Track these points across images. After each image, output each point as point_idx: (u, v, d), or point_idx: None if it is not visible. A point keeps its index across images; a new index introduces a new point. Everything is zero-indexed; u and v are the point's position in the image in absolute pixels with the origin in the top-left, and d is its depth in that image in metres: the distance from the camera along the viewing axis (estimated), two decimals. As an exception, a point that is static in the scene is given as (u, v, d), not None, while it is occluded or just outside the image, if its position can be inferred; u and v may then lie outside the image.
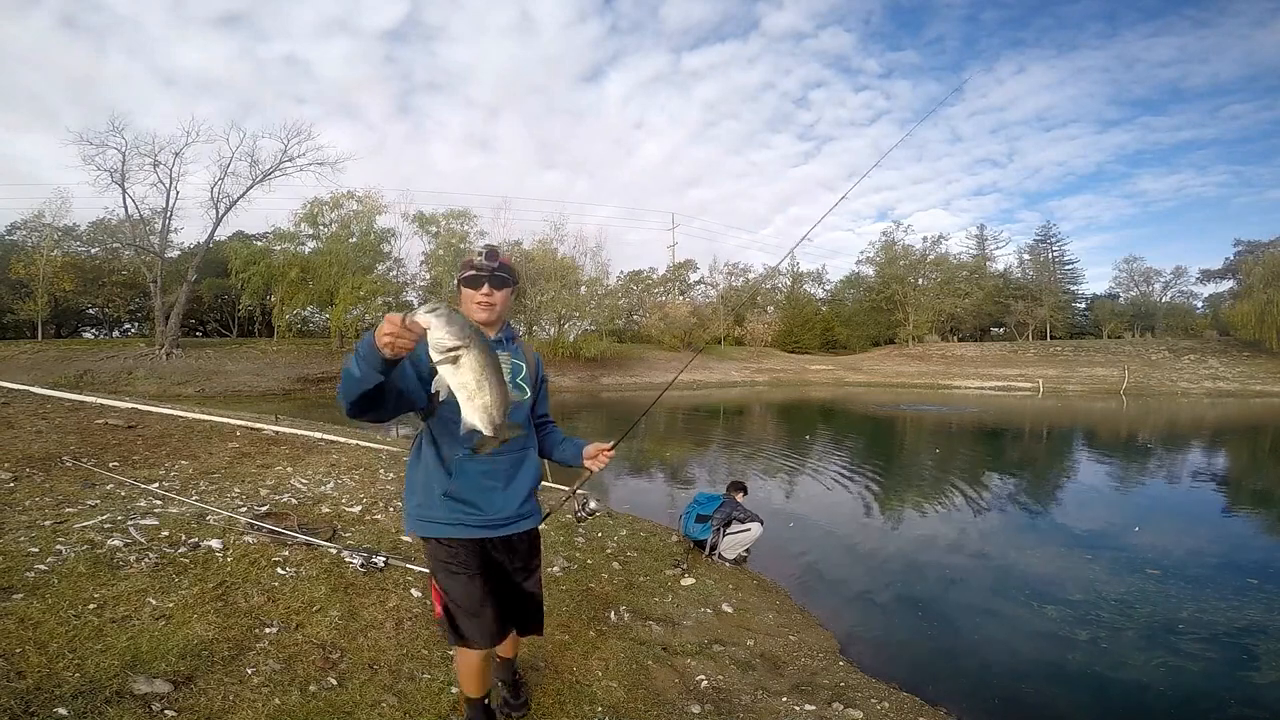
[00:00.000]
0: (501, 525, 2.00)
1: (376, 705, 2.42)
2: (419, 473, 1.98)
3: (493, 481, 1.97)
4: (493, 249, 1.98)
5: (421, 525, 1.97)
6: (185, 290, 29.77)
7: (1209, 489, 9.94)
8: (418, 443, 2.02)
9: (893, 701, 3.23)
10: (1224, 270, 46.61)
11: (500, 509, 1.98)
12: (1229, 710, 3.43)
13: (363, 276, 32.82)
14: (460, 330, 1.47)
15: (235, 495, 5.05)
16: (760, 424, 19.44)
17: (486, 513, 1.96)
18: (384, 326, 1.45)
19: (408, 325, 1.44)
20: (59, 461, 5.57)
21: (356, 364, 1.54)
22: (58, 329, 37.36)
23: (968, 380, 36.83)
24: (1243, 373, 33.97)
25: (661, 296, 48.71)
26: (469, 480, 1.93)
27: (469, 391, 1.54)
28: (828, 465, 11.28)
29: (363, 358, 1.52)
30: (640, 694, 2.87)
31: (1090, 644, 4.15)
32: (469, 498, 1.93)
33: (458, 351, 1.47)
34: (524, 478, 2.05)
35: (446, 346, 1.46)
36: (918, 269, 50.41)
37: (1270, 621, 4.47)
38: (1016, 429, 18.59)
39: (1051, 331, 49.84)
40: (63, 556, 3.32)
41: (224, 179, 30.04)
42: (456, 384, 1.53)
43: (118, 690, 2.24)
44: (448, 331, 1.46)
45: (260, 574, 3.42)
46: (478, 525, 1.95)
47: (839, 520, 7.39)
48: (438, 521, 1.94)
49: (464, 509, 1.93)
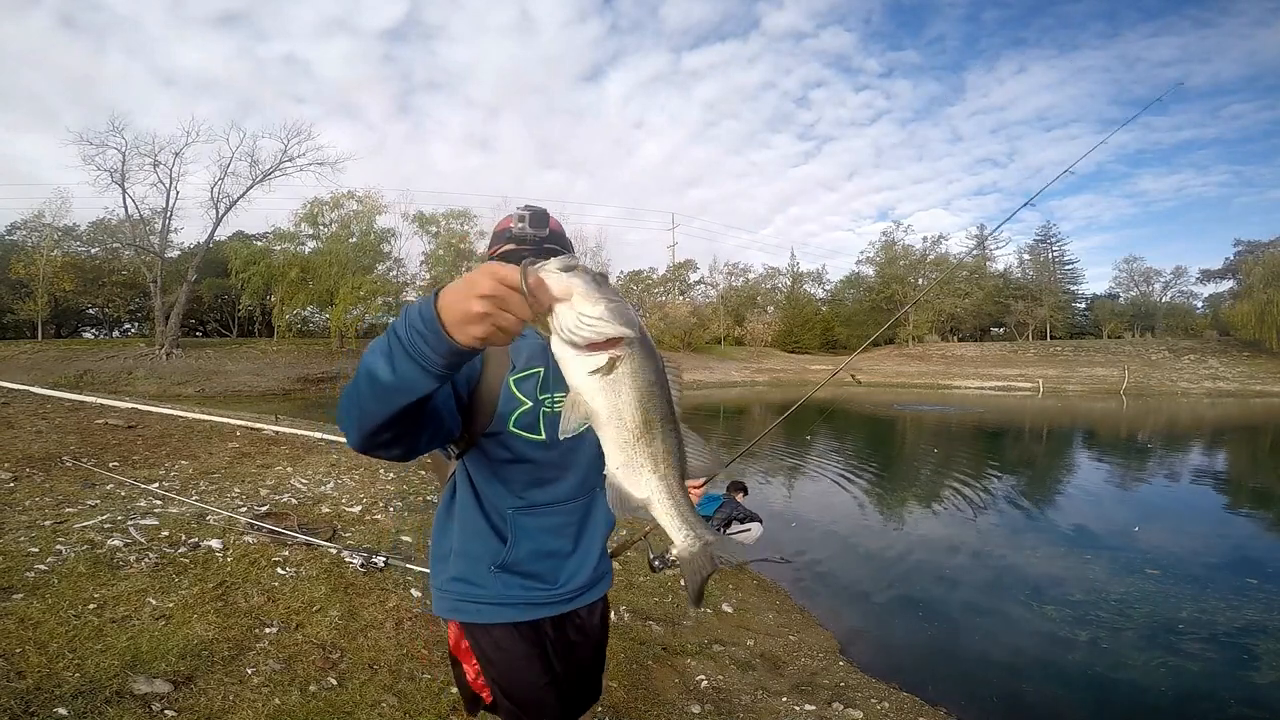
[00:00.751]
0: (573, 598, 1.41)
1: (376, 705, 2.41)
2: (453, 533, 1.36)
3: (561, 541, 1.39)
4: (539, 211, 1.37)
5: (463, 609, 1.34)
6: (185, 290, 29.75)
7: (1208, 489, 9.94)
8: (449, 489, 1.41)
9: (893, 701, 3.23)
10: (1224, 270, 46.63)
11: (572, 577, 1.39)
12: (1229, 710, 3.43)
13: (363, 276, 32.83)
14: (624, 311, 0.81)
15: (235, 495, 5.05)
16: (760, 424, 19.43)
17: (555, 585, 1.37)
18: (481, 283, 0.79)
19: (531, 287, 0.79)
20: (59, 461, 5.57)
21: (389, 360, 0.89)
22: (58, 329, 37.36)
23: (968, 380, 36.82)
24: (1243, 373, 33.96)
25: (661, 296, 48.75)
26: (530, 541, 1.34)
27: (630, 432, 0.85)
28: (828, 465, 11.28)
29: (406, 347, 0.86)
30: (640, 694, 2.87)
31: (1090, 644, 4.15)
32: (531, 568, 1.35)
33: (616, 350, 0.81)
34: (596, 528, 1.47)
35: (603, 335, 0.80)
36: (918, 269, 50.41)
37: (1269, 621, 4.47)
38: (1016, 429, 18.59)
39: (1051, 331, 49.84)
40: (63, 556, 3.32)
41: (224, 179, 30.04)
42: (606, 411, 0.85)
43: (118, 690, 2.24)
44: (606, 307, 0.79)
45: (260, 574, 3.42)
46: (545, 603, 1.37)
47: (839, 520, 7.39)
48: (485, 603, 1.33)
49: (524, 584, 1.34)
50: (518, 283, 0.78)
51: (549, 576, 1.37)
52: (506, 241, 1.39)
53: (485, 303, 0.79)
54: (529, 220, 1.36)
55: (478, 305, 0.79)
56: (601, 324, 0.79)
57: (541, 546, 1.36)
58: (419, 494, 5.62)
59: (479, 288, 0.79)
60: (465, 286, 0.80)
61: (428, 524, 4.81)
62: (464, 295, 0.80)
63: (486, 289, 0.78)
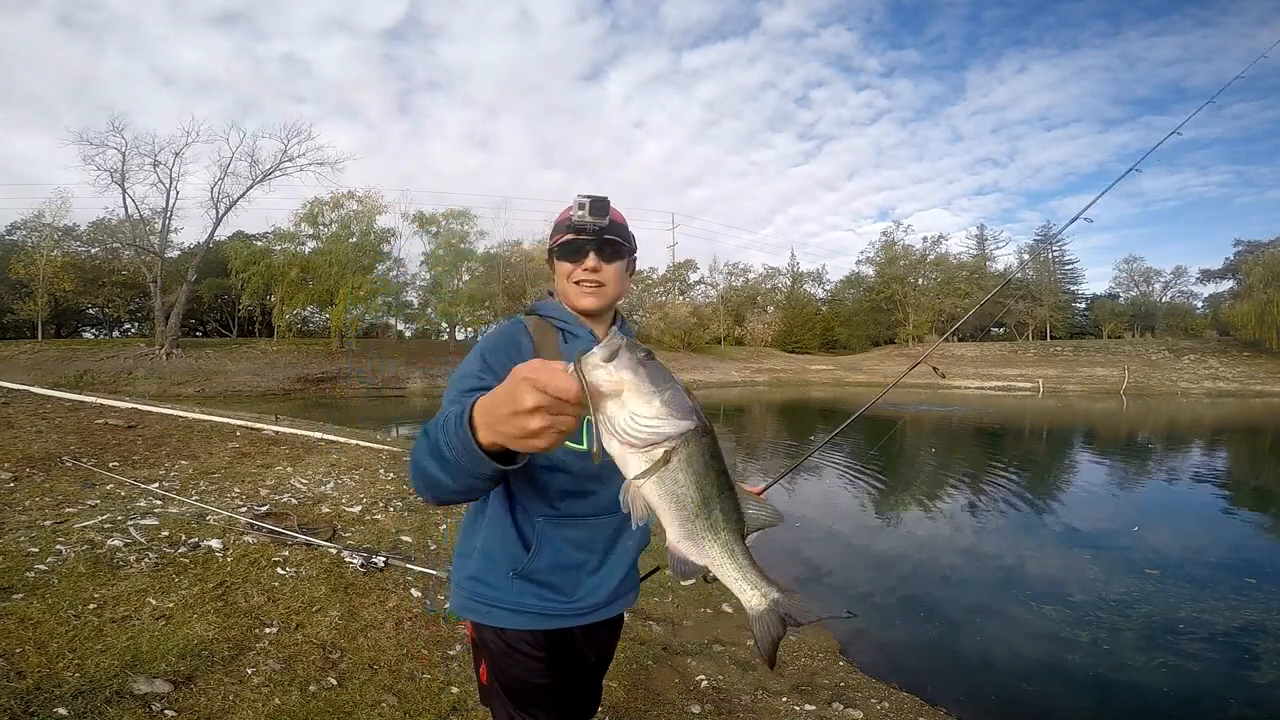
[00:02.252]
0: (587, 613, 1.37)
1: (376, 705, 2.42)
2: (479, 534, 1.35)
3: (585, 555, 1.35)
4: (600, 199, 1.31)
5: (475, 609, 1.33)
6: (185, 290, 29.76)
7: (1208, 489, 9.93)
8: None
9: (893, 701, 3.23)
10: (1224, 270, 46.64)
11: (591, 592, 1.36)
12: (1229, 710, 3.43)
13: (363, 276, 32.84)
14: (680, 403, 0.76)
15: (235, 495, 5.05)
16: (760, 424, 19.43)
17: (570, 598, 1.34)
18: (524, 399, 0.73)
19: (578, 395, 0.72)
20: (59, 461, 5.58)
21: (445, 468, 0.90)
22: (58, 329, 37.37)
23: (968, 380, 36.82)
24: (1243, 373, 33.97)
25: (661, 296, 48.77)
26: (554, 553, 1.31)
27: (689, 510, 0.82)
28: (828, 465, 11.28)
29: (458, 457, 0.86)
30: (640, 694, 2.87)
31: (1090, 644, 4.15)
32: (550, 579, 1.32)
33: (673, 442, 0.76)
34: (626, 547, 1.43)
35: (661, 436, 0.75)
36: (918, 269, 50.45)
37: (1269, 621, 4.47)
38: (1016, 429, 18.59)
39: (1051, 331, 49.85)
40: (63, 556, 3.32)
41: (224, 179, 30.09)
42: (664, 498, 0.80)
43: (118, 690, 2.24)
44: (661, 405, 0.74)
45: (260, 574, 3.42)
46: (557, 615, 1.34)
47: (839, 520, 7.39)
48: (500, 606, 1.31)
49: (539, 593, 1.31)
50: (564, 392, 0.71)
51: (566, 589, 1.33)
52: (567, 231, 1.34)
53: (539, 417, 0.72)
54: (589, 208, 1.30)
55: (534, 422, 0.73)
56: (658, 424, 0.74)
57: (564, 559, 1.32)
58: (419, 494, 5.62)
59: (524, 402, 0.72)
60: (509, 403, 0.74)
61: (428, 524, 4.82)
62: (512, 414, 0.74)
63: (532, 402, 0.72)
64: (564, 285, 1.37)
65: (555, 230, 1.39)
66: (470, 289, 35.44)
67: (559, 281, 1.39)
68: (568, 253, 1.34)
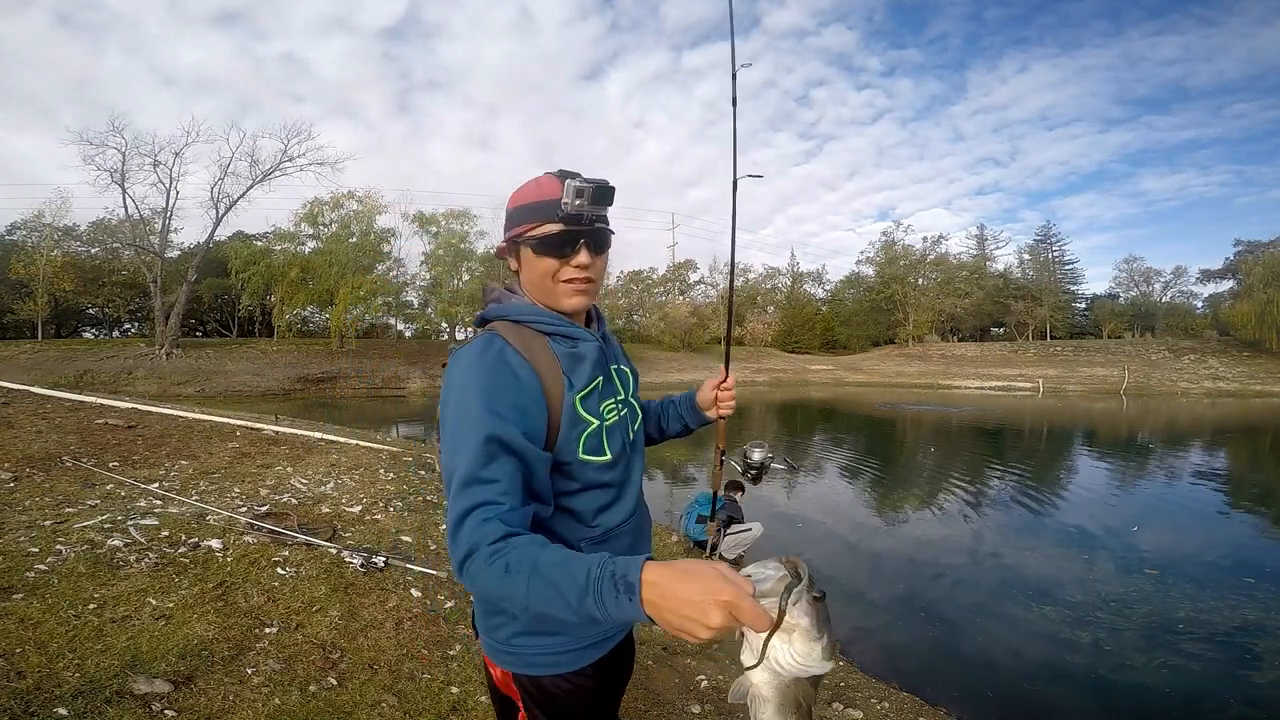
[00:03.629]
0: (626, 625, 1.24)
1: (376, 705, 2.42)
2: None
3: None
4: (604, 186, 1.07)
5: (537, 663, 1.12)
6: (185, 290, 29.76)
7: (1208, 489, 9.93)
8: None
9: (893, 701, 3.24)
10: (1224, 270, 46.59)
11: None
12: (1229, 710, 3.44)
13: (363, 276, 32.83)
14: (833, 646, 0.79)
15: (235, 495, 5.05)
16: (760, 424, 19.44)
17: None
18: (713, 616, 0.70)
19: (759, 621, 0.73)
20: (59, 461, 5.57)
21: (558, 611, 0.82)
22: (58, 329, 37.37)
23: (968, 380, 36.82)
24: (1243, 373, 33.96)
25: (661, 296, 48.74)
26: None
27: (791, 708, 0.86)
28: (828, 465, 11.28)
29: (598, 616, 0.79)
30: (640, 694, 2.88)
31: (1089, 644, 4.16)
32: None
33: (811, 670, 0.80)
34: (645, 539, 1.34)
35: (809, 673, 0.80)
36: (918, 269, 50.41)
37: (1269, 621, 4.48)
38: (1016, 429, 18.58)
39: (1051, 331, 49.85)
40: (63, 556, 3.32)
41: (224, 179, 30.06)
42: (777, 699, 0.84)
43: (118, 690, 2.24)
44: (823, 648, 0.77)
45: (260, 574, 3.42)
46: (614, 634, 1.20)
47: (839, 520, 7.39)
48: (564, 651, 1.12)
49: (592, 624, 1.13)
50: (756, 626, 0.73)
51: None
52: (547, 219, 1.07)
53: (717, 632, 0.72)
54: (590, 197, 1.05)
55: (705, 635, 0.72)
56: (812, 663, 0.77)
57: None
58: (419, 494, 5.62)
59: (712, 621, 0.70)
60: (698, 614, 0.71)
61: (428, 524, 4.82)
62: (692, 622, 0.72)
63: (719, 623, 0.70)
64: (543, 283, 1.12)
65: (523, 216, 1.10)
66: (470, 289, 35.39)
67: (534, 278, 1.13)
68: (551, 247, 1.09)
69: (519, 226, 1.11)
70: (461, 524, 0.91)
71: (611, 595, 0.76)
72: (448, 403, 1.03)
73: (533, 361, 1.06)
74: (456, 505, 0.93)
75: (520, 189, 1.12)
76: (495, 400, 0.99)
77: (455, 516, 0.92)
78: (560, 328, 1.13)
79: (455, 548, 0.91)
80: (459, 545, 0.90)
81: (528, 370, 1.05)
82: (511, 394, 1.01)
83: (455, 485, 0.94)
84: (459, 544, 0.90)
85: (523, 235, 1.11)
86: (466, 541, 0.89)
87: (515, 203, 1.13)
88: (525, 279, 1.16)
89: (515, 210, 1.12)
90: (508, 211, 1.14)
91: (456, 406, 1.01)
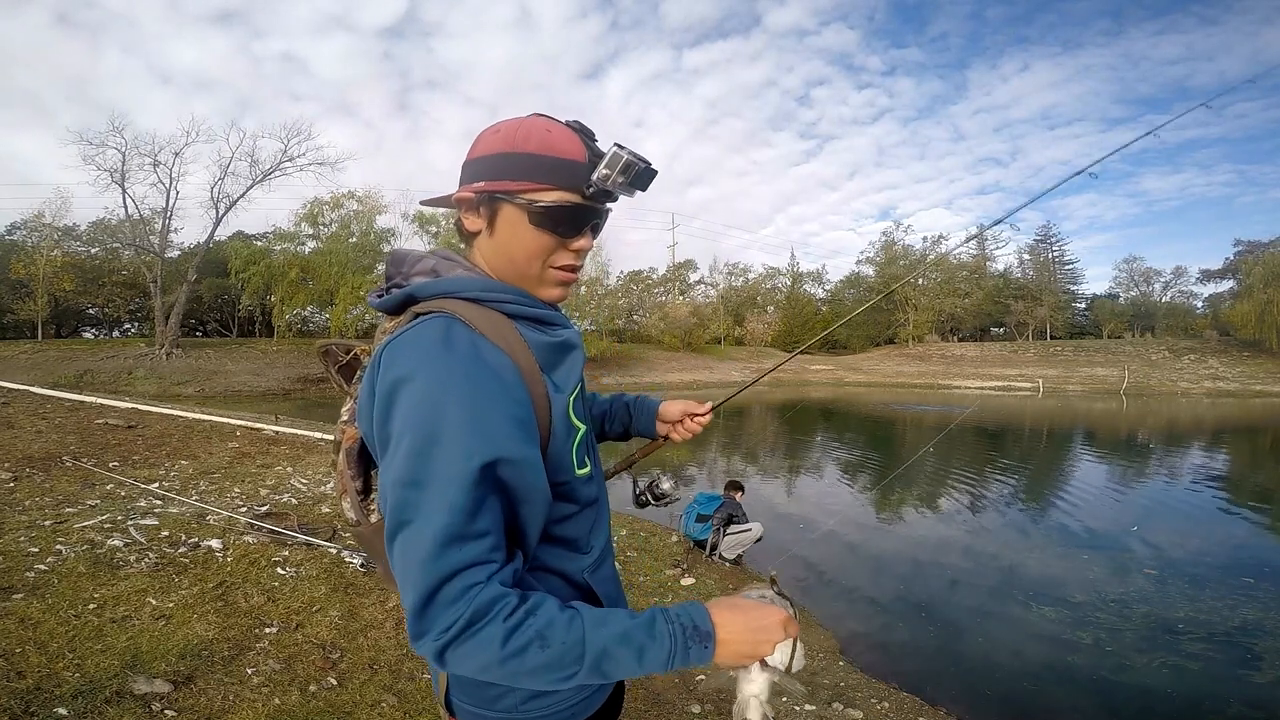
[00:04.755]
0: None
1: (376, 705, 2.42)
2: None
3: (616, 587, 1.05)
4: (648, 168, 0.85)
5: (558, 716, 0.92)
6: (185, 290, 29.75)
7: (1208, 489, 9.93)
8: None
9: (893, 701, 3.24)
10: (1224, 270, 46.61)
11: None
12: (1229, 710, 3.43)
13: (363, 276, 32.81)
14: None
15: (235, 495, 5.05)
16: (760, 424, 19.44)
17: None
18: (776, 633, 0.79)
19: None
20: (59, 461, 5.57)
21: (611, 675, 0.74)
22: (58, 329, 37.36)
23: (968, 380, 36.81)
24: (1243, 373, 33.96)
25: (661, 296, 48.76)
26: (610, 599, 0.98)
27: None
28: (828, 465, 11.29)
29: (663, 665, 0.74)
30: (640, 694, 2.88)
31: (1089, 644, 4.15)
32: None
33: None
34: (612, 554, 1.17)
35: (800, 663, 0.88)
36: (917, 269, 50.41)
37: (1268, 620, 4.48)
38: (1016, 429, 18.58)
39: (1051, 331, 49.87)
40: (63, 556, 3.32)
41: (224, 179, 30.06)
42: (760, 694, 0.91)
43: (118, 690, 2.24)
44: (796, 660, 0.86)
45: (260, 574, 3.42)
46: None
47: (839, 520, 7.39)
48: (581, 699, 0.93)
49: None
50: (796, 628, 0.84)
51: None
52: (571, 189, 0.83)
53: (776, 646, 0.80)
54: (635, 178, 0.84)
55: (769, 651, 0.80)
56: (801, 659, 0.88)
57: (615, 595, 1.01)
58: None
59: (777, 634, 0.80)
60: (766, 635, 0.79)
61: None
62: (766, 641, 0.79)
63: (782, 635, 0.80)
64: (525, 263, 0.86)
65: (527, 169, 0.82)
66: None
67: (513, 252, 0.86)
68: (559, 222, 0.84)
69: (519, 181, 0.82)
70: (437, 594, 0.68)
71: (697, 650, 0.75)
72: (404, 421, 0.72)
73: (511, 355, 0.80)
74: (429, 571, 0.68)
75: (520, 129, 0.83)
76: (486, 416, 0.73)
77: (428, 585, 0.67)
78: (535, 309, 0.87)
79: (431, 623, 0.68)
80: (438, 620, 0.67)
81: (511, 369, 0.78)
82: (502, 405, 0.75)
83: (428, 544, 0.68)
84: (437, 619, 0.67)
85: (519, 194, 0.82)
86: (453, 616, 0.67)
87: (514, 146, 0.82)
88: (495, 249, 0.87)
89: (515, 157, 0.82)
90: (496, 154, 0.83)
91: (421, 427, 0.71)
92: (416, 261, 0.90)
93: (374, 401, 0.76)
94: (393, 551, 0.71)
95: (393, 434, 0.73)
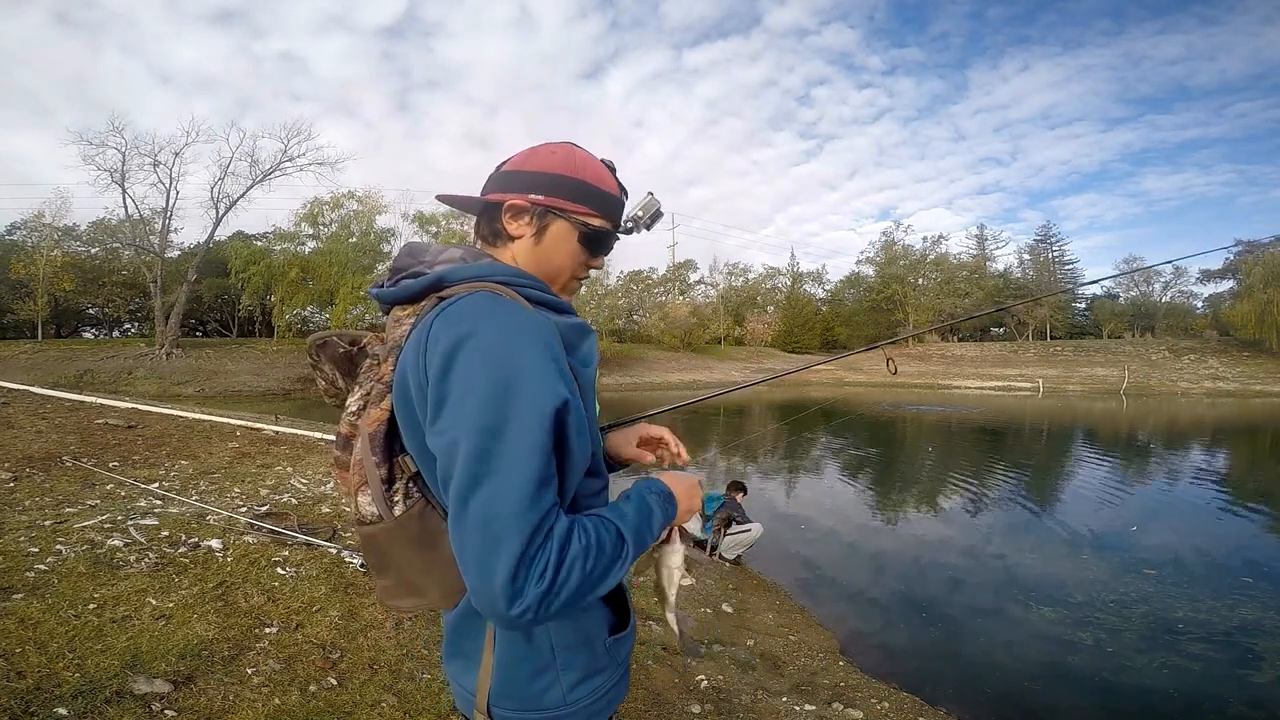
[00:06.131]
0: None
1: (376, 705, 2.41)
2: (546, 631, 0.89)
3: None
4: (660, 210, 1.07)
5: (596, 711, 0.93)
6: (185, 290, 29.76)
7: (1208, 489, 9.93)
8: None
9: (893, 701, 3.24)
10: (1224, 270, 46.58)
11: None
12: (1229, 710, 3.43)
13: (363, 276, 32.80)
14: None
15: (235, 495, 5.05)
16: (760, 424, 19.43)
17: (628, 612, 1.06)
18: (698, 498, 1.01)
19: None
20: (59, 461, 5.57)
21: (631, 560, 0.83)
22: (58, 329, 37.36)
23: (968, 380, 36.81)
24: (1243, 373, 33.95)
25: (661, 296, 48.75)
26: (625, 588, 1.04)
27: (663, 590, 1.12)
28: (828, 465, 11.28)
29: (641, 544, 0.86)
30: (640, 694, 2.88)
31: (1089, 644, 4.15)
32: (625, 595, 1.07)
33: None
34: None
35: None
36: (918, 269, 50.43)
37: (1268, 620, 4.48)
38: (1016, 429, 18.58)
39: (1051, 331, 49.89)
40: (63, 556, 3.32)
41: (224, 179, 30.07)
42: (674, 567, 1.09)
43: (118, 690, 2.24)
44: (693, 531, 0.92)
45: (260, 574, 3.42)
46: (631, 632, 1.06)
47: (839, 520, 7.39)
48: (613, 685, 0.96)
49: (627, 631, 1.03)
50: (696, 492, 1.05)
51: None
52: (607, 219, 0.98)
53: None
54: (648, 220, 1.05)
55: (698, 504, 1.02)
56: None
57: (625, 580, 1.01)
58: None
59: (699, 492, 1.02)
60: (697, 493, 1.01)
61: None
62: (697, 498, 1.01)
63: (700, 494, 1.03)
64: (558, 269, 0.97)
65: (586, 196, 0.95)
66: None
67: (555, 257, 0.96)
68: (595, 243, 0.97)
69: (575, 203, 0.94)
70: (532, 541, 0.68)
71: (671, 508, 0.94)
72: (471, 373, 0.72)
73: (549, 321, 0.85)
74: (526, 519, 0.68)
75: (575, 157, 0.96)
76: (553, 362, 0.75)
77: (526, 533, 0.68)
78: (554, 298, 0.92)
79: (530, 572, 0.68)
80: (535, 566, 0.68)
81: (554, 330, 0.81)
82: (559, 354, 0.78)
83: (521, 490, 0.68)
84: (534, 565, 0.68)
85: (576, 215, 0.94)
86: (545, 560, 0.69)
87: (574, 171, 0.94)
88: (536, 255, 0.95)
89: (580, 185, 0.94)
90: (557, 174, 0.94)
91: (493, 375, 0.71)
92: (441, 252, 0.94)
93: (421, 372, 0.77)
94: (467, 509, 0.69)
95: (452, 390, 0.72)
